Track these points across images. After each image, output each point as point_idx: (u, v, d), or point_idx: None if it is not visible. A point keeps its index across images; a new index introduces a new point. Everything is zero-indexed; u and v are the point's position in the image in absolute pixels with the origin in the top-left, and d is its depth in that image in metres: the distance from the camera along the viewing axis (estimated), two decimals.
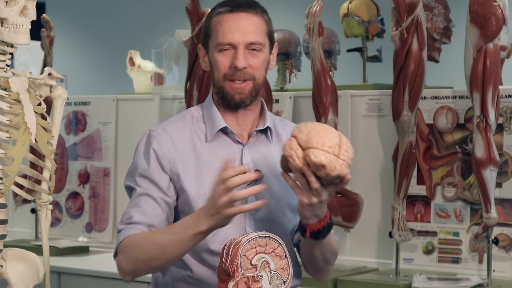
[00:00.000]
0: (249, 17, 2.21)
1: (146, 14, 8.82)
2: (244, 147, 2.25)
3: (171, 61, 4.35)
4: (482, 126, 3.13)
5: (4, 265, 2.14)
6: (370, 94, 3.68)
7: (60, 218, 4.57)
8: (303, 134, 2.03)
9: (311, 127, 2.04)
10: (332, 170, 1.99)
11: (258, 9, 2.24)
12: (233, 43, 2.19)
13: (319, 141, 2.00)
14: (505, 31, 3.22)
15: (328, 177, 2.01)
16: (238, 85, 2.20)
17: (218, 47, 2.20)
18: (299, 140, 2.03)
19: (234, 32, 2.19)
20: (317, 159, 1.98)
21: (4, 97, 2.12)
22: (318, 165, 1.99)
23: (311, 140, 2.01)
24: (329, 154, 1.99)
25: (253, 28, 2.20)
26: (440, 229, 3.49)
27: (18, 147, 2.11)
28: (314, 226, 2.11)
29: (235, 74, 2.19)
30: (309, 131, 2.02)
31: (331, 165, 1.99)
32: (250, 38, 2.19)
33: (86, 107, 4.55)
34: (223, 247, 1.91)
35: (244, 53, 2.19)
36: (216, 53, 2.21)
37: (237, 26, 2.19)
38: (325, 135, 2.01)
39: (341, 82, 3.76)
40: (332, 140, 2.01)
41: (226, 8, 2.22)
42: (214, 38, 2.22)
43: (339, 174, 2.01)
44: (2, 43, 2.10)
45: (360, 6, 3.76)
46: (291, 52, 4.03)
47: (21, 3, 2.08)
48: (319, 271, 2.31)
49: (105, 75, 9.09)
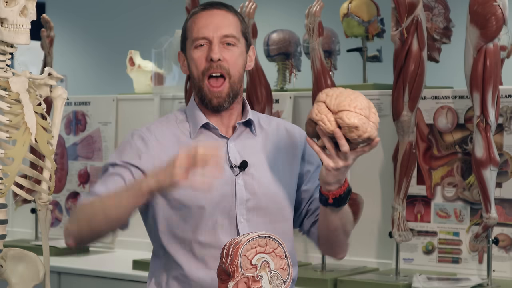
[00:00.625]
0: (223, 13, 2.27)
1: (146, 14, 8.81)
2: (229, 140, 2.29)
3: (171, 61, 4.35)
4: (482, 126, 3.13)
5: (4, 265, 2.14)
6: (370, 94, 3.68)
7: (60, 218, 4.57)
8: (332, 98, 2.06)
9: (340, 92, 2.07)
10: (364, 132, 2.04)
11: (231, 8, 2.31)
12: (207, 37, 2.24)
13: (351, 104, 2.04)
14: (505, 31, 3.22)
15: (358, 139, 2.05)
16: (216, 88, 2.23)
17: (193, 43, 2.25)
18: (328, 104, 2.06)
19: (208, 26, 2.24)
20: (350, 120, 2.02)
21: (4, 97, 2.12)
22: (351, 126, 2.03)
23: (342, 103, 2.04)
24: (361, 116, 2.04)
25: (226, 23, 2.26)
26: (440, 229, 3.49)
27: (18, 147, 2.11)
28: (336, 191, 2.15)
29: (212, 66, 2.23)
30: (338, 96, 2.06)
31: (364, 127, 2.03)
32: (224, 31, 2.24)
33: (86, 107, 4.55)
34: (223, 247, 1.91)
35: (219, 46, 2.24)
36: (193, 51, 2.25)
37: (211, 21, 2.25)
38: (355, 98, 2.05)
39: (341, 82, 3.76)
40: (362, 103, 2.05)
41: (200, 8, 2.29)
42: (190, 37, 2.27)
43: (369, 136, 2.05)
44: (2, 43, 2.11)
45: (360, 6, 3.76)
46: (291, 52, 4.03)
47: (21, 3, 2.09)
48: (339, 245, 2.34)
49: (105, 75, 9.09)
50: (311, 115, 2.08)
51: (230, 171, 2.24)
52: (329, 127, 2.05)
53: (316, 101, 2.10)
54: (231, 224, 2.22)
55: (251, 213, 2.24)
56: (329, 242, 2.33)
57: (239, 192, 2.24)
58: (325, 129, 2.05)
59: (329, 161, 2.08)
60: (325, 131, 2.06)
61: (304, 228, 2.39)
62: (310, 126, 2.11)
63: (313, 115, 2.08)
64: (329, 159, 2.08)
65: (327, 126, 2.05)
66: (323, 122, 2.05)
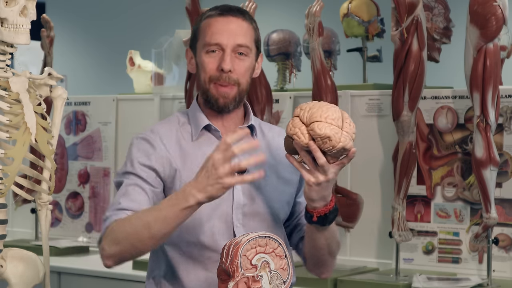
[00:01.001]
0: (239, 21, 2.25)
1: (146, 14, 8.82)
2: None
3: (171, 61, 4.35)
4: (482, 126, 3.13)
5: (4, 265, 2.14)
6: (370, 94, 3.68)
7: (60, 218, 4.57)
8: (305, 111, 2.07)
9: (312, 105, 2.08)
10: (337, 142, 2.03)
11: (247, 16, 2.28)
12: (220, 44, 2.22)
13: (322, 115, 2.04)
14: (505, 31, 3.22)
15: (333, 150, 2.04)
16: (224, 89, 2.22)
17: (205, 47, 2.23)
18: (301, 117, 2.07)
19: (222, 33, 2.22)
20: (322, 131, 2.02)
21: (4, 97, 2.12)
22: (324, 137, 2.03)
23: (314, 115, 2.05)
24: (333, 126, 2.04)
25: (241, 32, 2.24)
26: (440, 229, 3.49)
27: (18, 147, 2.11)
28: (321, 210, 2.13)
29: (221, 77, 2.22)
30: (311, 108, 2.07)
31: (337, 137, 2.03)
32: (238, 41, 2.22)
33: (86, 107, 4.55)
34: (223, 247, 1.91)
35: (231, 56, 2.22)
36: (204, 54, 2.24)
37: (226, 28, 2.23)
38: (327, 109, 2.05)
39: (341, 82, 3.76)
40: (334, 113, 2.05)
41: (216, 12, 2.26)
42: (202, 39, 2.25)
43: (344, 146, 2.04)
44: (2, 43, 2.10)
45: (360, 6, 3.76)
46: (291, 52, 4.03)
47: (21, 3, 2.08)
48: (323, 264, 2.32)
49: (105, 75, 9.09)
50: (286, 130, 2.09)
51: None
52: (303, 140, 2.05)
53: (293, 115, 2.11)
54: (228, 228, 2.22)
55: (247, 218, 2.24)
56: (314, 261, 2.32)
57: (236, 196, 2.23)
58: (300, 143, 2.06)
59: (310, 176, 2.07)
60: (300, 145, 2.06)
61: (292, 241, 2.38)
62: (287, 142, 2.11)
63: (287, 129, 2.09)
64: (309, 174, 2.07)
65: (301, 139, 2.05)
66: (297, 136, 2.06)
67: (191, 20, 3.86)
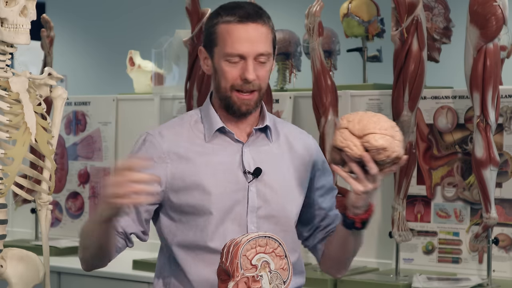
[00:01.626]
0: (258, 28, 2.20)
1: (146, 14, 8.81)
2: (244, 146, 2.25)
3: (171, 61, 4.35)
4: (482, 126, 3.13)
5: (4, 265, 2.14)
6: (370, 94, 3.68)
7: (60, 218, 4.57)
8: (355, 123, 2.07)
9: (361, 116, 2.08)
10: (392, 152, 2.05)
11: (265, 18, 2.23)
12: (243, 54, 2.18)
13: (375, 126, 2.05)
14: (505, 31, 3.22)
15: (387, 160, 2.06)
16: (246, 96, 2.20)
17: (226, 57, 2.19)
18: (351, 129, 2.07)
19: (243, 43, 2.17)
20: (378, 142, 2.03)
21: (4, 97, 2.12)
22: (380, 148, 2.04)
23: (367, 126, 2.05)
24: (388, 136, 2.05)
25: (262, 39, 2.20)
26: (440, 229, 3.49)
27: (18, 147, 2.11)
28: (363, 215, 2.15)
29: (244, 86, 2.19)
30: (360, 120, 2.07)
31: (392, 147, 2.05)
32: (259, 49, 2.18)
33: (86, 107, 4.55)
34: (223, 247, 1.91)
35: (254, 64, 2.18)
36: (224, 63, 2.19)
37: (246, 37, 2.18)
38: (377, 119, 2.07)
39: (341, 82, 3.76)
40: (386, 123, 2.07)
41: (235, 18, 2.19)
42: (222, 47, 2.20)
43: (397, 155, 2.06)
44: (2, 43, 2.11)
45: (360, 6, 3.76)
46: (291, 52, 4.03)
47: (21, 3, 2.09)
48: (344, 264, 2.34)
49: (105, 75, 9.08)
50: (336, 143, 2.08)
51: (243, 177, 2.21)
52: (356, 152, 2.05)
53: (337, 128, 2.10)
54: (242, 231, 2.18)
55: (261, 221, 2.22)
56: (336, 261, 2.33)
57: (251, 199, 2.21)
58: (353, 155, 2.06)
59: (358, 186, 2.08)
60: (352, 157, 2.06)
61: (310, 242, 2.37)
62: (336, 154, 2.11)
63: (337, 142, 2.08)
64: (358, 183, 2.08)
65: (354, 151, 2.05)
66: (349, 148, 2.06)
67: (191, 20, 3.86)
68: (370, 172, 2.05)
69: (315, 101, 3.50)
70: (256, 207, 2.21)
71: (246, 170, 2.21)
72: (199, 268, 2.21)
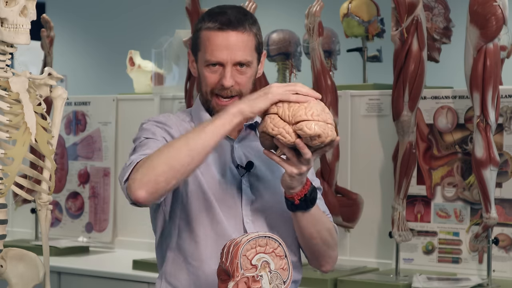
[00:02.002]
0: (238, 36, 2.22)
1: (146, 14, 8.81)
2: (234, 142, 2.28)
3: (171, 61, 4.35)
4: (482, 126, 3.13)
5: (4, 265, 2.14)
6: (370, 94, 3.68)
7: (60, 218, 4.57)
8: (285, 109, 2.04)
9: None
10: (326, 137, 2.02)
11: (247, 24, 2.24)
12: (221, 62, 2.21)
13: (307, 112, 2.02)
14: (505, 31, 3.22)
15: (321, 145, 2.03)
16: (225, 102, 2.22)
17: (206, 63, 2.22)
18: (282, 116, 2.04)
19: (222, 50, 2.20)
20: (311, 130, 2.00)
21: (4, 97, 2.12)
22: (313, 136, 2.01)
23: (298, 112, 2.02)
24: (321, 122, 2.02)
25: (241, 47, 2.22)
26: (440, 229, 3.49)
27: (18, 147, 2.11)
28: (300, 192, 2.14)
29: (223, 91, 2.22)
30: (289, 105, 2.04)
31: (325, 132, 2.01)
32: (238, 57, 2.21)
33: (86, 107, 4.55)
34: (223, 247, 1.92)
35: (232, 71, 2.21)
36: (205, 68, 2.23)
37: (225, 44, 2.20)
38: (308, 105, 2.03)
39: (341, 82, 3.76)
40: (317, 108, 2.03)
41: (216, 25, 2.22)
42: (203, 53, 2.23)
43: (332, 139, 2.03)
44: (2, 43, 2.10)
45: (360, 6, 3.76)
46: (291, 52, 4.03)
47: (21, 3, 2.08)
48: (320, 255, 2.30)
49: (105, 75, 9.09)
50: (267, 130, 2.05)
51: (236, 171, 2.24)
52: (290, 139, 2.02)
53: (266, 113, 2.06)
54: (237, 224, 2.22)
55: (256, 214, 2.24)
56: (310, 252, 2.31)
57: (245, 193, 2.24)
58: (286, 142, 2.03)
59: (292, 169, 2.08)
60: (285, 144, 2.04)
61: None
62: (266, 140, 2.08)
63: (269, 129, 2.04)
64: (292, 166, 2.08)
65: (288, 139, 2.03)
66: (282, 135, 2.03)
67: (191, 20, 3.86)
68: (305, 157, 2.05)
69: None
70: (250, 200, 2.24)
71: (239, 165, 2.24)
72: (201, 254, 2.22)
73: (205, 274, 2.22)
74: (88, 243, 4.38)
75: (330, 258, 2.31)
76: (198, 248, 2.23)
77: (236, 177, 2.24)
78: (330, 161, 3.47)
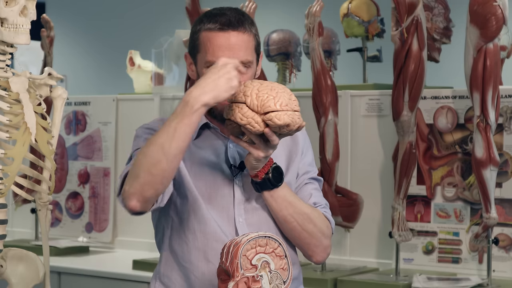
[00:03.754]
0: (239, 36, 2.21)
1: (146, 14, 8.82)
2: (229, 142, 2.28)
3: (171, 61, 4.35)
4: (482, 126, 3.13)
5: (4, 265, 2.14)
6: (370, 94, 3.68)
7: (60, 218, 4.57)
8: (253, 99, 2.05)
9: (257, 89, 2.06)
10: (294, 125, 2.05)
11: (246, 25, 2.24)
12: None
13: (276, 102, 2.04)
14: (505, 31, 3.22)
15: (290, 132, 2.07)
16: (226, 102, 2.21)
17: (207, 64, 2.21)
18: (250, 105, 2.05)
19: (224, 51, 2.19)
20: (281, 121, 2.03)
21: (4, 97, 2.12)
22: (282, 125, 2.04)
23: (266, 103, 2.04)
24: (289, 111, 2.04)
25: (243, 47, 2.21)
26: (440, 229, 3.49)
27: (18, 147, 2.11)
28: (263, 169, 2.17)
29: None
30: (258, 94, 2.05)
31: (294, 121, 2.05)
32: (239, 57, 2.20)
33: (86, 107, 4.55)
34: (223, 247, 1.92)
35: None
36: (205, 69, 2.21)
37: (226, 45, 2.20)
38: (276, 93, 2.05)
39: (341, 82, 3.76)
40: (284, 97, 2.05)
41: (216, 26, 2.21)
42: (203, 54, 2.22)
43: (299, 126, 2.07)
44: (2, 43, 2.11)
45: (360, 6, 3.76)
46: (291, 52, 4.03)
47: (21, 3, 2.09)
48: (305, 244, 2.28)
49: (105, 75, 9.09)
50: (236, 119, 2.06)
51: (228, 171, 2.25)
52: (259, 129, 2.05)
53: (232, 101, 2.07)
54: (230, 224, 2.22)
55: (249, 214, 2.24)
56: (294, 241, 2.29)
57: (237, 192, 2.24)
58: (255, 132, 2.06)
59: (259, 152, 2.11)
60: (254, 133, 2.07)
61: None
62: (233, 128, 2.09)
63: (237, 119, 2.05)
64: (259, 150, 2.11)
65: (257, 128, 2.05)
66: (251, 125, 2.05)
67: (191, 20, 3.86)
68: (272, 143, 2.09)
69: (315, 101, 3.50)
70: (242, 200, 2.24)
71: (232, 165, 2.24)
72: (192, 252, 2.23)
73: (195, 276, 2.22)
74: (88, 243, 4.38)
75: (316, 247, 2.28)
76: (187, 250, 2.23)
77: (229, 177, 2.24)
78: (330, 161, 3.47)
